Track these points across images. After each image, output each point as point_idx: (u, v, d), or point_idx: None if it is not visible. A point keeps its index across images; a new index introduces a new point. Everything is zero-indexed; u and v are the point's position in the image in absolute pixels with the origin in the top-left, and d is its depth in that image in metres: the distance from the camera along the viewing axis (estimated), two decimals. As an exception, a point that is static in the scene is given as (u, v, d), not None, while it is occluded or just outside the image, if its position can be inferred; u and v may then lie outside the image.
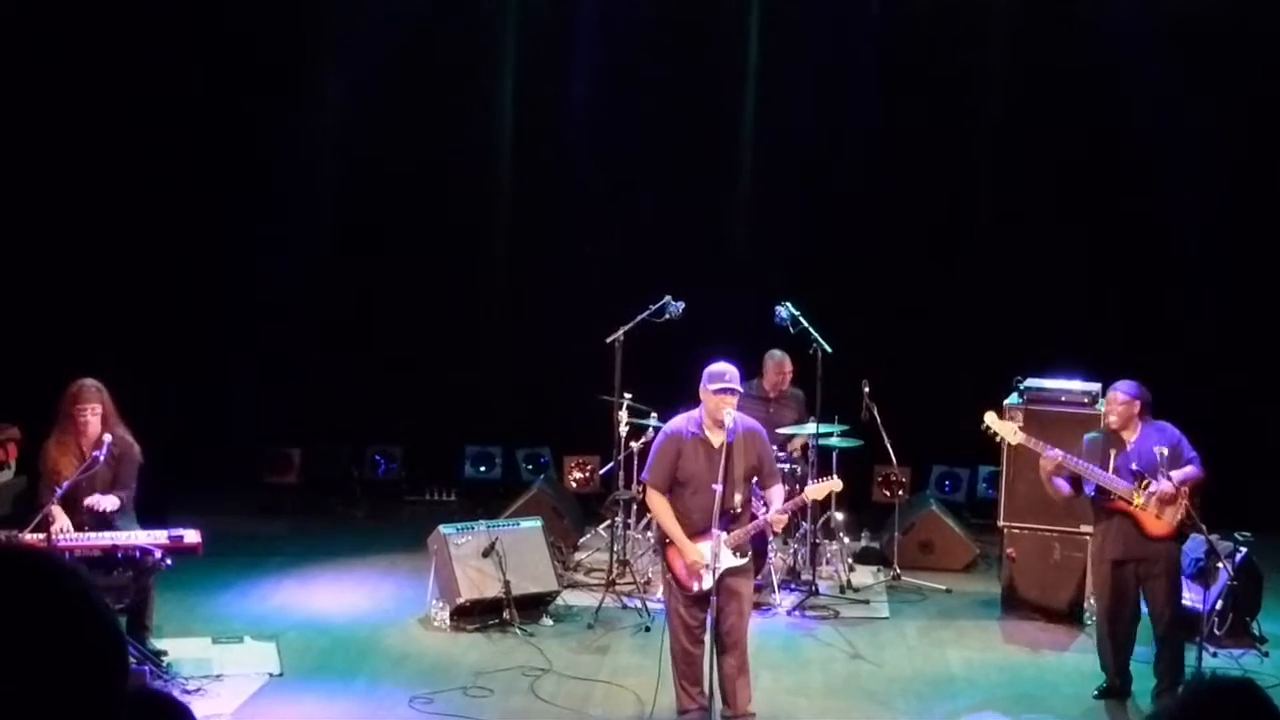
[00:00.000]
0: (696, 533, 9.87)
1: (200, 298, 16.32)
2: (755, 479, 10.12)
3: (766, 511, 10.02)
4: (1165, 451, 10.70)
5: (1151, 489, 10.62)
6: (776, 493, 10.14)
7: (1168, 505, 10.61)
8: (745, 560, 9.96)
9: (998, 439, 11.58)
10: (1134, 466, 10.70)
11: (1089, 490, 10.88)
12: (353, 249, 17.00)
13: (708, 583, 9.77)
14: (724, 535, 9.73)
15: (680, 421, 10.20)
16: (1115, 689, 11.16)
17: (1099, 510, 10.98)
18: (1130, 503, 10.65)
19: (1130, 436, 10.86)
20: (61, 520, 10.62)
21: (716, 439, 9.90)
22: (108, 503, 10.83)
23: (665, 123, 16.70)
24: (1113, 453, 10.85)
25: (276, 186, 16.45)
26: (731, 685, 10.03)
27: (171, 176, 16.07)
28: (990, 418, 11.57)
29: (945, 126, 16.46)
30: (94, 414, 10.86)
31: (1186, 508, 10.64)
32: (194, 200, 16.22)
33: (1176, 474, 10.60)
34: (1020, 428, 11.77)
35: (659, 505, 10.13)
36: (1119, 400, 10.88)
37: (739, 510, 9.94)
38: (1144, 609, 11.13)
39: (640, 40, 16.61)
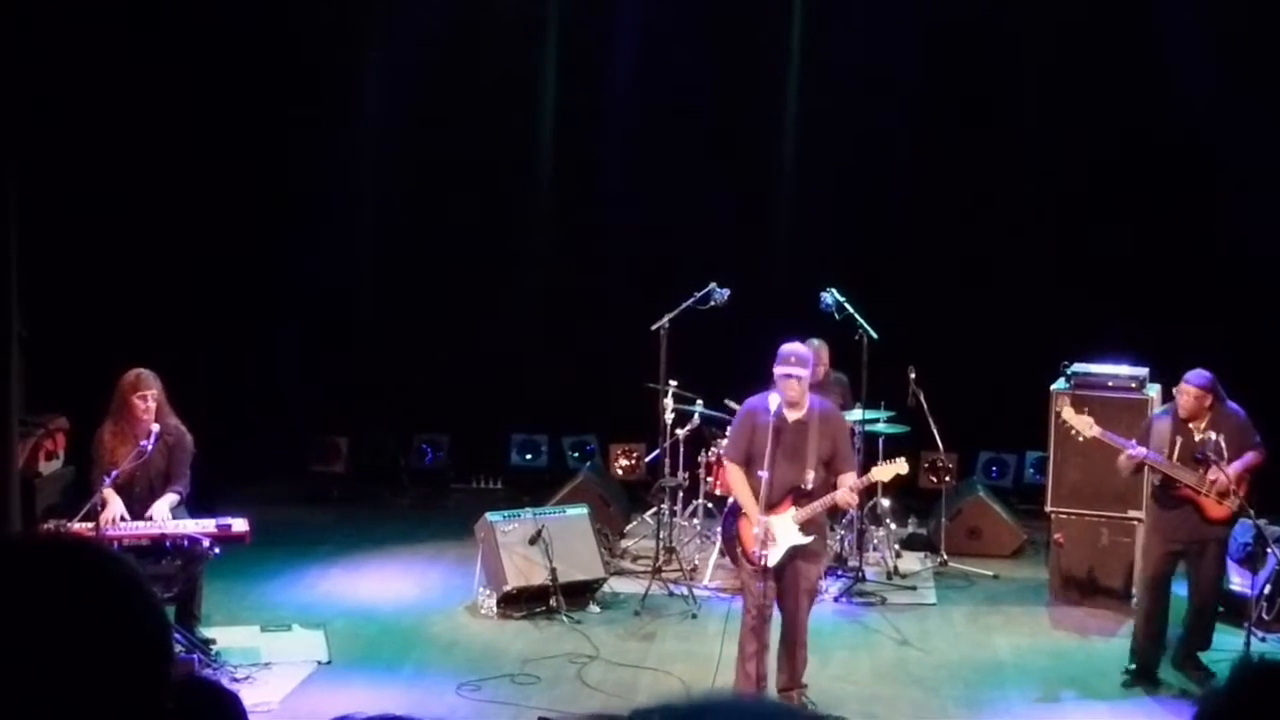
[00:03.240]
0: (768, 508, 9.96)
1: (247, 288, 16.34)
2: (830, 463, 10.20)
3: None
4: (1223, 441, 10.84)
5: (1212, 476, 10.74)
6: (844, 481, 10.19)
7: (1226, 494, 10.73)
8: (811, 540, 10.03)
9: (1074, 433, 11.55)
10: (1197, 456, 10.80)
11: (1156, 476, 11.00)
12: (397, 240, 17.01)
13: (774, 558, 9.85)
14: (791, 511, 9.87)
15: (758, 398, 10.34)
16: (1145, 670, 11.24)
17: (1163, 494, 11.08)
18: (1198, 491, 10.75)
19: (1198, 425, 10.96)
20: (114, 505, 10.68)
21: (791, 416, 10.04)
22: (164, 509, 10.88)
23: (707, 112, 16.65)
24: (1178, 440, 10.96)
25: (322, 180, 16.47)
26: (790, 656, 10.26)
27: (218, 169, 16.08)
28: (1068, 413, 11.58)
29: (989, 112, 16.38)
30: (152, 401, 10.94)
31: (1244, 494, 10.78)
32: (241, 192, 16.23)
33: (1235, 465, 10.74)
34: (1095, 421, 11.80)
35: (734, 477, 10.30)
36: (1190, 394, 10.94)
37: (811, 489, 10.03)
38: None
39: (683, 30, 16.55)
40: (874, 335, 13.27)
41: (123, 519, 10.72)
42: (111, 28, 15.48)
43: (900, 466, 10.87)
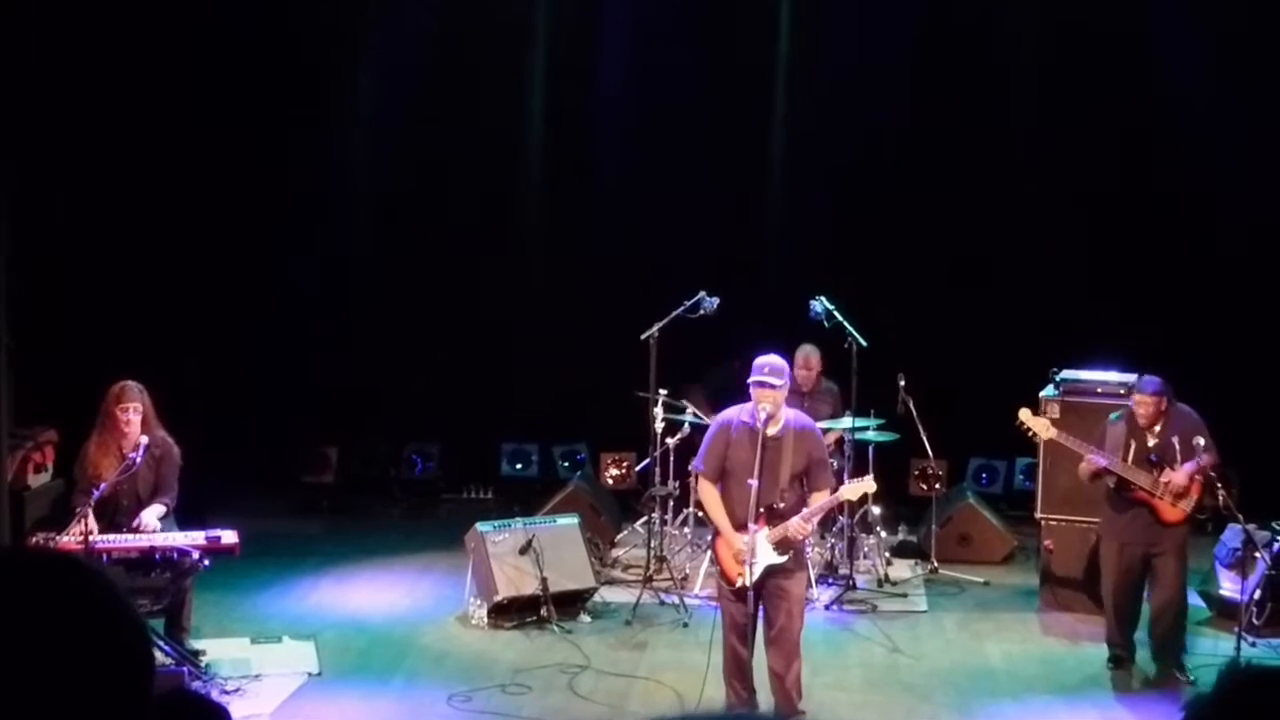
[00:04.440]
0: (740, 524, 9.84)
1: (236, 298, 16.33)
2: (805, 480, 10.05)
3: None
4: (1177, 443, 10.99)
5: (1165, 478, 10.92)
6: (818, 498, 10.06)
7: (1181, 496, 10.83)
8: (786, 559, 9.88)
9: (1031, 435, 11.65)
10: (1152, 458, 10.90)
11: (1111, 479, 11.10)
12: (387, 248, 17.00)
13: (750, 578, 9.75)
14: (765, 530, 9.73)
15: (733, 411, 10.20)
16: (1122, 659, 11.50)
17: (1118, 498, 11.27)
18: (1152, 493, 10.85)
19: (1153, 430, 11.13)
20: (90, 526, 10.58)
21: (767, 430, 9.82)
22: (152, 518, 10.85)
23: (697, 117, 16.65)
24: (1133, 443, 11.12)
25: (311, 186, 16.47)
26: (781, 684, 10.02)
27: (206, 178, 16.08)
28: (1024, 414, 11.69)
29: (978, 117, 16.39)
30: (136, 413, 10.90)
31: (1224, 496, 10.95)
32: (229, 201, 16.21)
33: (1187, 466, 10.83)
34: (1053, 421, 11.91)
35: (708, 495, 10.14)
36: (1146, 403, 11.11)
37: (783, 507, 9.87)
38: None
39: (670, 36, 16.57)
40: (863, 343, 13.26)
41: (92, 534, 10.63)
42: (99, 37, 15.46)
43: (868, 485, 10.80)
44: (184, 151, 15.96)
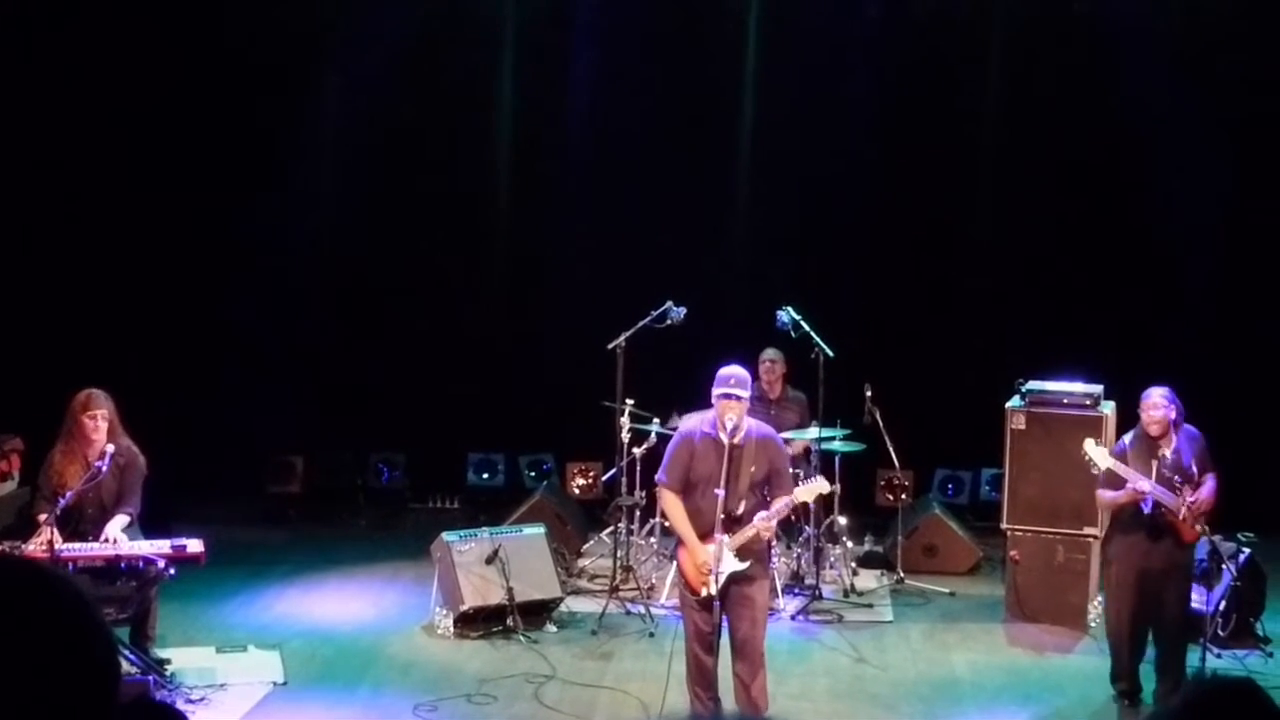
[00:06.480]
0: (703, 534, 9.81)
1: (202, 306, 16.28)
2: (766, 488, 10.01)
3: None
4: (1193, 463, 10.79)
5: (1190, 500, 10.65)
6: (778, 504, 9.98)
7: (1200, 518, 10.67)
8: (747, 565, 9.83)
9: (1088, 460, 11.34)
10: (1176, 479, 10.67)
11: (1147, 506, 10.71)
12: (354, 257, 16.96)
13: (714, 587, 9.72)
14: (726, 538, 9.70)
15: (694, 421, 10.14)
16: (1132, 694, 11.06)
17: (1151, 521, 10.81)
18: (1176, 516, 10.64)
19: (1168, 445, 10.83)
20: (54, 535, 10.48)
21: (728, 440, 9.76)
22: (116, 529, 10.78)
23: (665, 128, 16.65)
24: (1154, 463, 10.79)
25: (277, 195, 16.41)
26: (747, 693, 9.94)
27: (172, 184, 16.04)
28: (1089, 444, 11.26)
29: (945, 129, 16.45)
30: (103, 421, 10.84)
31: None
32: (195, 208, 16.17)
33: (1205, 490, 10.66)
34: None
35: (671, 505, 10.08)
36: (1159, 407, 10.77)
37: (741, 515, 9.83)
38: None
39: (639, 46, 16.58)
40: (830, 353, 13.29)
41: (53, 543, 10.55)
42: (56, 44, 15.45)
43: (822, 486, 10.70)
44: (149, 158, 15.93)
